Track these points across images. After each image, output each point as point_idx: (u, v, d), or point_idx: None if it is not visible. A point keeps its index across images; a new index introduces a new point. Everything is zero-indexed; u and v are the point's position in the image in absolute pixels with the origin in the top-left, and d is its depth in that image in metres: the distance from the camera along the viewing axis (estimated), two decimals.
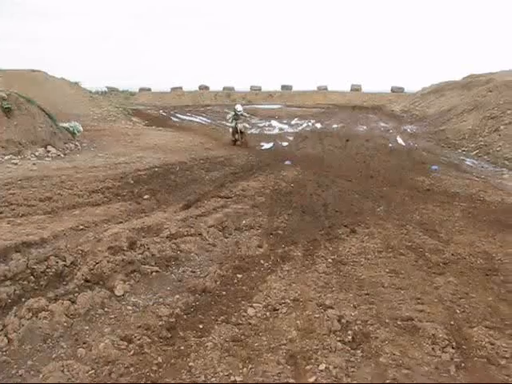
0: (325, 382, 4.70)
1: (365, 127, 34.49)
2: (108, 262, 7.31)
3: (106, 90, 72.46)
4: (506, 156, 20.81)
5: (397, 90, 70.17)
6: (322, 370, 4.86)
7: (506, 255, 8.65)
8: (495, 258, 8.52)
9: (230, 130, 25.48)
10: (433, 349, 5.36)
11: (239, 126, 24.68)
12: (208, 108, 54.06)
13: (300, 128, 34.02)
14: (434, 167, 18.84)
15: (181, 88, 78.55)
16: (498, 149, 22.06)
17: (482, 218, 11.29)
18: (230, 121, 25.58)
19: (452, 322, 5.96)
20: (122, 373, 4.83)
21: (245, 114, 26.03)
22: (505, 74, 36.48)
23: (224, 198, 12.53)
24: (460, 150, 24.29)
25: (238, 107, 25.47)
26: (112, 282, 6.91)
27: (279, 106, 57.15)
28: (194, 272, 7.66)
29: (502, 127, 23.78)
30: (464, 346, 5.41)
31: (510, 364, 5.05)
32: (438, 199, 13.24)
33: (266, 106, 55.48)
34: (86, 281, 6.86)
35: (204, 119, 40.52)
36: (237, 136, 24.83)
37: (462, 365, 5.05)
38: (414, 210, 11.94)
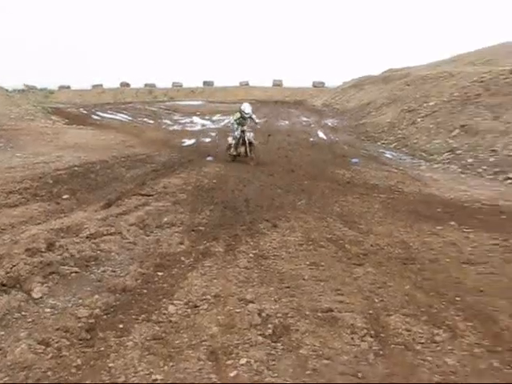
0: (246, 376, 4.71)
1: (287, 122, 34.81)
2: (25, 264, 7.10)
3: (24, 88, 70.74)
4: (423, 148, 21.43)
5: (318, 85, 71.27)
6: (242, 365, 4.86)
7: (422, 244, 8.89)
8: (412, 247, 8.73)
9: (230, 139, 19.25)
10: (352, 338, 5.42)
11: (248, 135, 18.51)
12: (129, 105, 53.43)
13: (222, 124, 34.02)
14: (354, 160, 19.19)
15: (101, 85, 77.65)
16: (415, 141, 22.69)
17: (400, 209, 11.57)
18: (234, 127, 19.01)
19: (370, 311, 6.06)
20: (40, 377, 4.69)
21: (253, 116, 19.25)
22: (421, 69, 37.54)
23: (145, 195, 12.37)
24: (379, 143, 24.89)
25: (246, 107, 18.90)
26: (29, 284, 6.72)
27: (201, 103, 57.09)
28: (114, 271, 7.51)
29: (418, 120, 24.46)
30: (382, 334, 5.50)
31: (425, 349, 5.18)
32: (357, 191, 13.50)
33: (188, 103, 55.41)
34: (2, 285, 6.65)
35: (125, 117, 40.06)
36: (242, 149, 18.74)
37: (381, 352, 5.14)
38: (335, 202, 12.13)
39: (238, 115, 18.80)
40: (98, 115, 41.32)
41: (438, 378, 4.66)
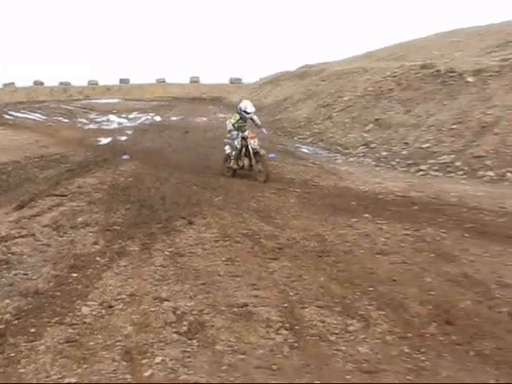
0: (161, 374, 4.67)
1: (204, 119, 34.83)
2: None
3: None
4: (339, 142, 21.82)
5: (235, 81, 71.80)
6: (157, 363, 4.83)
7: (337, 236, 9.01)
8: (327, 240, 8.83)
9: (227, 149, 15.52)
10: (267, 332, 5.46)
11: (252, 143, 14.50)
12: (44, 104, 52.35)
13: (139, 122, 33.88)
14: (270, 155, 19.17)
15: (13, 84, 75.67)
16: (331, 135, 23.06)
17: (316, 203, 11.68)
18: (232, 133, 15.15)
19: (285, 305, 6.11)
20: None
21: (255, 117, 15.40)
22: (336, 64, 38.14)
23: (59, 196, 12.13)
24: (296, 138, 25.19)
25: (248, 106, 15.14)
26: None
27: (118, 100, 56.50)
28: (26, 274, 7.32)
29: (334, 114, 24.89)
30: (297, 327, 5.56)
31: (340, 339, 5.27)
32: (274, 186, 13.54)
33: (104, 101, 54.70)
34: None
35: (39, 116, 39.25)
36: (245, 162, 15.02)
37: (296, 345, 5.19)
38: (251, 198, 12.15)
39: (236, 117, 15.06)
40: (10, 114, 40.29)
41: (351, 366, 4.76)
